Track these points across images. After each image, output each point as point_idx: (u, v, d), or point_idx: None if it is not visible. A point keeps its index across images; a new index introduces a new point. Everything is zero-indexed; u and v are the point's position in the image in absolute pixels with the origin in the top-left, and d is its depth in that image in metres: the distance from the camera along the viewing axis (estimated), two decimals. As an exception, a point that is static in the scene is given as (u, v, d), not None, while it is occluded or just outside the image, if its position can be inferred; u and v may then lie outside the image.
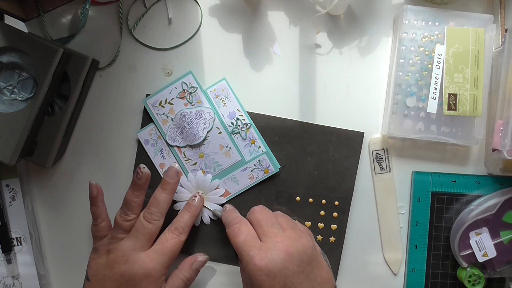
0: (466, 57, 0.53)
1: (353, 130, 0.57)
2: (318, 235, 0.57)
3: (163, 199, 0.52)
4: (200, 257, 0.54)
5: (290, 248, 0.46)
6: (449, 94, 0.53)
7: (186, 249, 0.57)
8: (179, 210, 0.57)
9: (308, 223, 0.57)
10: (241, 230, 0.48)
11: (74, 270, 0.59)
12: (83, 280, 0.54)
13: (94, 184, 0.53)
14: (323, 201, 0.57)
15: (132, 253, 0.50)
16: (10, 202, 0.57)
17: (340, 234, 0.57)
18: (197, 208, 0.54)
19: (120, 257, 0.50)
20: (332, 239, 0.57)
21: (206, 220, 0.57)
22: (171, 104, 0.57)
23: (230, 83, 0.57)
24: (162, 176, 0.57)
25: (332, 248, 0.57)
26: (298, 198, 0.57)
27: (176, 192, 0.57)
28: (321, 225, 0.57)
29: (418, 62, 0.54)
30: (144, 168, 0.51)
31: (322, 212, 0.57)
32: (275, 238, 0.47)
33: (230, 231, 0.49)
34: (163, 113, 0.57)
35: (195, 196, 0.55)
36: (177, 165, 0.54)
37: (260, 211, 0.51)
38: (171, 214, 0.56)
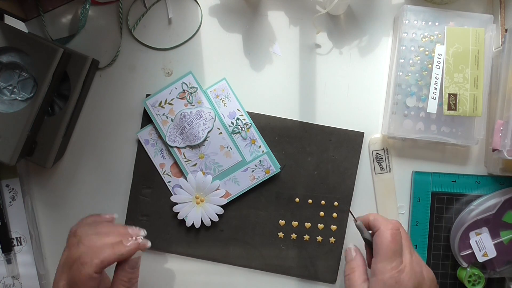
0: (466, 57, 0.53)
1: (353, 130, 0.57)
2: (318, 236, 0.57)
3: None
4: (129, 244, 0.48)
5: (424, 277, 0.47)
6: (449, 94, 0.53)
7: (187, 249, 0.57)
8: (178, 212, 0.56)
9: (308, 224, 0.57)
10: (395, 239, 0.48)
11: (74, 270, 0.59)
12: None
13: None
14: (323, 202, 0.57)
15: None
16: (10, 202, 0.57)
17: (340, 234, 0.57)
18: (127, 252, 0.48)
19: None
20: (332, 239, 0.57)
21: (207, 221, 0.57)
22: (171, 104, 0.57)
23: (230, 83, 0.57)
24: (162, 176, 0.57)
25: (332, 249, 0.57)
26: (297, 200, 0.57)
27: (175, 194, 0.57)
28: (321, 226, 0.57)
29: (418, 62, 0.54)
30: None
31: (322, 213, 0.57)
32: (415, 259, 0.48)
33: (387, 231, 0.48)
34: (163, 114, 0.57)
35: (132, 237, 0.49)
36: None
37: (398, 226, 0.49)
38: (165, 216, 0.57)
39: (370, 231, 0.51)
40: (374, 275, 0.47)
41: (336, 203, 0.57)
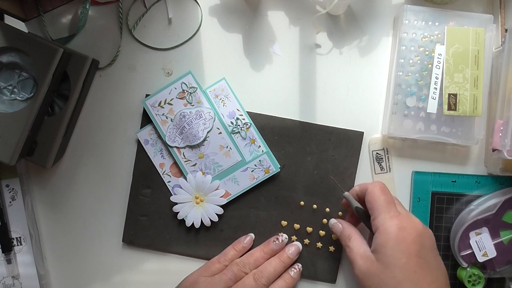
0: (466, 57, 0.53)
1: (353, 129, 0.57)
2: (318, 242, 0.57)
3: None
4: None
5: (424, 227, 0.48)
6: (449, 94, 0.53)
7: (186, 249, 0.57)
8: (178, 212, 0.56)
9: (310, 229, 0.57)
10: (385, 192, 0.49)
11: (74, 270, 0.59)
12: (83, 280, 0.54)
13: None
14: (327, 209, 0.57)
15: None
16: (10, 202, 0.57)
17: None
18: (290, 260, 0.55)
19: None
20: (334, 236, 0.57)
21: (206, 221, 0.57)
22: (171, 104, 0.57)
23: (230, 83, 0.57)
24: (162, 176, 0.57)
25: (332, 253, 0.57)
26: (298, 201, 0.57)
27: (175, 194, 0.57)
28: (322, 232, 0.57)
29: (418, 62, 0.54)
30: (283, 236, 0.56)
31: (325, 220, 0.57)
32: (409, 213, 0.49)
33: (376, 187, 0.50)
34: (163, 114, 0.57)
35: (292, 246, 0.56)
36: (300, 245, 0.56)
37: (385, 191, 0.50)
38: (165, 216, 0.57)
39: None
40: (377, 229, 0.48)
41: (340, 213, 0.57)
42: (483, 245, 0.55)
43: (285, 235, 0.56)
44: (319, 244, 0.57)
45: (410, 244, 0.45)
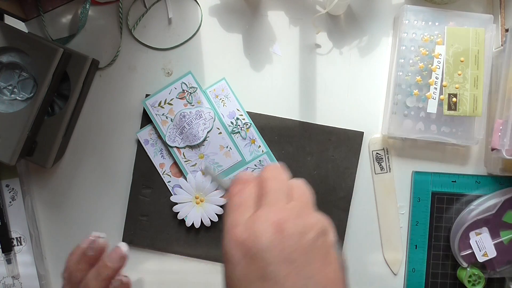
0: (466, 57, 0.53)
1: (353, 129, 0.57)
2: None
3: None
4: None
5: (285, 223, 0.31)
6: (449, 94, 0.53)
7: (186, 249, 0.57)
8: (178, 212, 0.56)
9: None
10: (243, 191, 0.35)
11: (74, 270, 0.59)
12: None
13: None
14: (322, 202, 0.57)
15: None
16: (10, 202, 0.57)
17: (340, 234, 0.57)
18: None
19: None
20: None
21: (206, 221, 0.57)
22: (171, 104, 0.57)
23: (230, 83, 0.57)
24: (162, 176, 0.57)
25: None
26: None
27: (175, 194, 0.57)
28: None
29: (418, 62, 0.54)
30: (101, 238, 0.45)
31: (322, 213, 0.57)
32: (271, 206, 0.33)
33: (231, 189, 0.36)
34: (163, 114, 0.57)
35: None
36: (125, 247, 0.47)
37: (273, 169, 0.36)
38: (165, 216, 0.57)
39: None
40: None
41: (336, 204, 0.57)
42: (483, 245, 0.55)
43: (102, 234, 0.46)
44: None
45: (247, 266, 0.31)
